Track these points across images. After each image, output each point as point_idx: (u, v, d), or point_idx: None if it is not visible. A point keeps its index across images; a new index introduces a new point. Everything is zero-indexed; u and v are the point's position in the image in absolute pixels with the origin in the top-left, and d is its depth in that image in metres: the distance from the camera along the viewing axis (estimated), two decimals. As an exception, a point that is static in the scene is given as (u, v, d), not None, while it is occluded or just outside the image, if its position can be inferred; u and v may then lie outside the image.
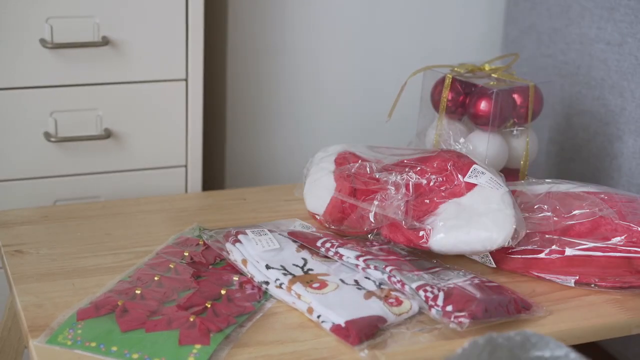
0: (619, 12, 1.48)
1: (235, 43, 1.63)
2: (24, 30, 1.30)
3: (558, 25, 1.62)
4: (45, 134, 1.35)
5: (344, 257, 1.11)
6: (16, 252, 1.14)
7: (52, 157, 1.37)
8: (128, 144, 1.41)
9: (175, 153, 1.43)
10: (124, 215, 1.28)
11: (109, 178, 1.41)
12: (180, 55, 1.39)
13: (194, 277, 1.07)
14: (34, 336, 0.95)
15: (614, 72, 1.50)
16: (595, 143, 1.56)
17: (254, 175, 1.70)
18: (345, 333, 0.97)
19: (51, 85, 1.34)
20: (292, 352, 0.96)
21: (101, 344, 0.94)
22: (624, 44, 1.47)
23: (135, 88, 1.38)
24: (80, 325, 0.96)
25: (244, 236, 1.12)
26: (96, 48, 1.34)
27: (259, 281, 1.07)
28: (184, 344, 0.94)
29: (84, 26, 1.32)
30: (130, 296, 1.02)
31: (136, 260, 1.13)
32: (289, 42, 1.66)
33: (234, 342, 0.96)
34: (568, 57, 1.60)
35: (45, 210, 1.30)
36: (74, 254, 1.15)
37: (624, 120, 1.49)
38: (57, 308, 1.01)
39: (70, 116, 1.36)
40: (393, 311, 1.02)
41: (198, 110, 1.42)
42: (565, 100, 1.61)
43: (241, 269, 1.10)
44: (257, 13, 1.62)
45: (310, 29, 1.67)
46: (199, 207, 1.36)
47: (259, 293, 1.06)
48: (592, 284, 1.13)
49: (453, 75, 1.37)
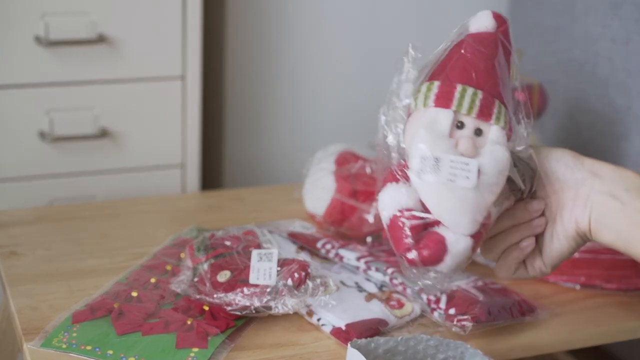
0: (624, 9, 1.47)
1: (233, 41, 1.63)
2: (19, 27, 1.30)
3: (562, 22, 1.62)
4: (41, 133, 1.35)
5: (344, 259, 1.11)
6: (11, 254, 1.14)
7: (47, 157, 1.36)
8: (125, 143, 1.40)
9: (172, 152, 1.43)
10: (121, 215, 1.28)
11: (106, 178, 1.41)
12: (177, 52, 1.39)
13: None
14: (29, 339, 0.94)
15: (619, 70, 1.49)
16: (601, 142, 1.55)
17: (253, 175, 1.70)
18: (345, 336, 0.97)
19: (46, 84, 1.33)
20: (292, 355, 0.95)
21: (97, 347, 0.93)
22: (630, 42, 1.47)
23: (132, 86, 1.38)
24: (76, 328, 0.96)
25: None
26: (92, 45, 1.33)
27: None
28: (181, 347, 0.93)
29: (80, 23, 1.32)
30: (127, 298, 1.02)
31: (133, 262, 1.12)
32: (288, 41, 1.65)
33: (233, 345, 0.95)
34: (573, 55, 1.60)
35: (40, 210, 1.30)
36: (70, 255, 1.14)
37: (629, 119, 1.48)
38: (52, 310, 1.00)
39: (66, 115, 1.35)
40: (394, 314, 1.01)
41: (196, 108, 1.42)
42: (570, 98, 1.61)
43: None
44: (256, 10, 1.62)
45: (310, 27, 1.67)
46: (197, 207, 1.35)
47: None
48: (598, 286, 1.12)
49: (455, 73, 1.36)
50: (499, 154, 0.77)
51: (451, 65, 0.80)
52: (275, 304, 0.96)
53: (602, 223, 0.79)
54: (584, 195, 0.80)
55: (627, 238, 0.79)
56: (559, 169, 0.82)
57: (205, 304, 0.98)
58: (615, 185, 0.79)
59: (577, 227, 0.81)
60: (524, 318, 1.03)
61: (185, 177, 1.45)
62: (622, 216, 0.78)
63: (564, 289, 1.12)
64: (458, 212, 0.75)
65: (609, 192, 0.79)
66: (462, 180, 0.75)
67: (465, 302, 1.01)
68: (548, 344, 1.03)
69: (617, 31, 1.49)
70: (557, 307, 1.08)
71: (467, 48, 0.80)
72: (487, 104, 0.78)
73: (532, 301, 1.07)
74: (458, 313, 0.99)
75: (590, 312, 1.08)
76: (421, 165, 0.76)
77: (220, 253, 1.03)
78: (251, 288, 0.97)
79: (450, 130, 0.78)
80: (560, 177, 0.81)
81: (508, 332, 1.01)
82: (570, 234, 0.81)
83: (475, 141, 0.78)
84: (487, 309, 1.00)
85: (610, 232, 0.79)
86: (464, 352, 0.86)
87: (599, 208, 0.79)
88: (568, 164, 0.82)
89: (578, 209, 0.80)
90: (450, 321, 0.99)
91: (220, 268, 1.01)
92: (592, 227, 0.80)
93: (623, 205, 0.79)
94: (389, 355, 0.84)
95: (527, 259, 0.84)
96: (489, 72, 0.79)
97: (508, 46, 0.82)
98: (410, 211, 0.77)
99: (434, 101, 0.79)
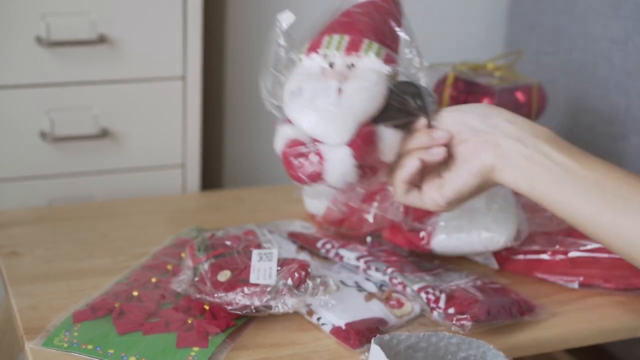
0: (624, 9, 1.47)
1: (234, 40, 1.63)
2: (20, 27, 1.30)
3: (562, 22, 1.62)
4: (41, 133, 1.35)
5: (344, 259, 1.10)
6: (11, 254, 1.14)
7: (47, 157, 1.36)
8: (125, 143, 1.40)
9: (172, 152, 1.43)
10: (121, 216, 1.28)
11: (106, 178, 1.41)
12: (178, 53, 1.38)
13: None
14: (30, 339, 0.94)
15: (619, 71, 1.49)
16: (600, 142, 1.55)
17: (253, 175, 1.70)
18: (345, 336, 0.97)
19: (47, 84, 1.33)
20: (292, 354, 0.95)
21: (98, 346, 0.93)
22: (629, 42, 1.47)
23: (133, 86, 1.38)
24: (77, 328, 0.96)
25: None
26: (93, 46, 1.33)
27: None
28: (181, 347, 0.93)
29: (81, 24, 1.32)
30: (127, 298, 1.01)
31: (133, 262, 1.12)
32: (288, 40, 1.65)
33: (233, 345, 0.95)
34: (572, 55, 1.60)
35: (40, 210, 1.30)
36: (70, 255, 1.14)
37: (629, 119, 1.48)
38: (53, 310, 1.00)
39: (66, 115, 1.35)
40: (394, 313, 1.01)
41: (196, 108, 1.42)
42: (569, 99, 1.61)
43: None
44: (256, 11, 1.62)
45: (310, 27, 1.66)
46: (197, 207, 1.35)
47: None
48: (596, 286, 1.12)
49: (455, 73, 1.37)
50: (363, 74, 0.86)
51: (323, 27, 0.93)
52: (275, 303, 0.96)
53: (505, 163, 0.83)
54: (493, 140, 0.84)
55: (527, 177, 0.83)
56: (474, 119, 0.86)
57: (206, 304, 0.98)
58: (524, 132, 0.84)
59: (482, 165, 0.84)
60: (523, 317, 1.03)
61: (185, 177, 1.45)
62: (524, 157, 0.83)
63: (563, 289, 1.12)
64: (323, 125, 0.84)
65: (517, 137, 0.84)
66: (323, 99, 0.85)
67: (465, 301, 1.01)
68: (547, 343, 1.03)
69: (617, 31, 1.49)
70: (556, 306, 1.08)
71: (339, 12, 0.93)
72: (354, 42, 0.89)
73: (531, 300, 1.07)
74: (457, 312, 0.99)
75: (589, 311, 1.08)
76: (289, 97, 0.87)
77: (220, 253, 1.03)
78: (251, 287, 0.97)
79: (323, 72, 0.88)
80: (476, 126, 0.86)
81: (507, 331, 1.01)
82: (472, 170, 0.85)
83: (346, 73, 0.87)
84: (487, 308, 1.00)
85: (513, 171, 0.83)
86: (486, 352, 0.85)
87: (505, 150, 0.83)
88: (486, 113, 0.87)
89: (485, 149, 0.84)
90: (450, 320, 0.99)
91: (220, 268, 1.01)
92: (496, 166, 0.84)
93: (526, 147, 0.83)
94: (410, 352, 0.84)
95: (425, 187, 0.88)
96: (357, 21, 0.90)
97: (387, 6, 0.92)
98: (295, 141, 0.86)
99: (305, 52, 0.90)
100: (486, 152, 0.84)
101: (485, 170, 0.84)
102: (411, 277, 1.05)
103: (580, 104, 1.59)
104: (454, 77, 1.36)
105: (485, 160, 0.84)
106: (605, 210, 0.81)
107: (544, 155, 0.83)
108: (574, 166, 0.82)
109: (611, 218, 0.80)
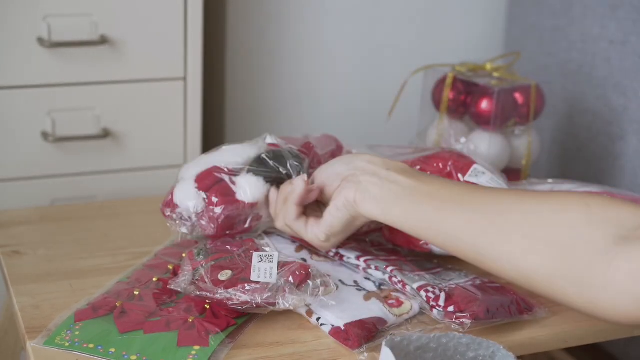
0: (622, 10, 1.47)
1: (234, 41, 1.63)
2: (21, 28, 1.30)
3: (560, 23, 1.62)
4: (43, 133, 1.35)
5: (344, 258, 1.10)
6: (13, 253, 1.14)
7: (49, 157, 1.36)
8: (126, 143, 1.40)
9: (173, 153, 1.43)
10: (122, 215, 1.28)
11: (107, 178, 1.41)
12: (179, 53, 1.39)
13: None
14: (32, 338, 0.94)
15: (616, 71, 1.49)
16: (598, 143, 1.55)
17: (253, 175, 1.69)
18: (344, 336, 0.97)
19: (49, 84, 1.34)
20: (292, 353, 0.95)
21: (99, 345, 0.93)
22: (627, 43, 1.47)
23: (134, 87, 1.38)
24: (78, 327, 0.96)
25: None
26: (94, 47, 1.33)
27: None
28: (182, 345, 0.93)
29: (82, 25, 1.32)
30: (129, 297, 1.02)
31: (134, 262, 1.12)
32: (288, 41, 1.65)
33: (234, 344, 0.95)
34: (570, 55, 1.60)
35: (42, 210, 1.30)
36: (72, 255, 1.14)
37: (626, 119, 1.48)
38: (55, 309, 1.00)
39: (68, 115, 1.36)
40: (393, 312, 1.01)
41: (197, 109, 1.42)
42: (568, 99, 1.61)
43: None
44: (257, 10, 1.62)
45: (310, 27, 1.67)
46: (198, 207, 1.35)
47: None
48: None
49: (454, 74, 1.37)
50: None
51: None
52: (276, 300, 0.97)
53: (365, 195, 0.97)
54: (355, 179, 0.99)
55: (379, 203, 0.96)
56: (341, 167, 1.03)
57: (207, 302, 0.99)
58: (379, 168, 0.99)
59: (345, 200, 0.99)
60: (522, 316, 1.03)
61: (186, 178, 1.44)
62: (378, 187, 0.97)
63: (562, 288, 1.12)
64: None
65: (373, 172, 0.99)
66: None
67: (464, 300, 1.00)
68: (545, 342, 1.03)
69: (615, 32, 1.49)
70: (555, 305, 1.07)
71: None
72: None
73: (530, 299, 1.07)
74: (457, 311, 0.99)
75: (588, 310, 1.08)
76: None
77: (221, 257, 1.04)
78: (252, 284, 0.98)
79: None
80: (342, 172, 1.02)
81: (506, 330, 1.01)
82: (338, 205, 1.00)
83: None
84: (486, 306, 1.00)
85: (371, 201, 0.97)
86: (496, 352, 0.85)
87: (363, 184, 0.98)
88: (350, 160, 1.03)
89: (348, 188, 0.99)
90: (449, 319, 0.99)
91: (221, 268, 1.01)
92: (357, 199, 0.98)
93: (380, 179, 0.97)
94: (420, 352, 0.84)
95: (309, 224, 1.03)
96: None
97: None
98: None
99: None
100: (349, 189, 0.99)
101: (348, 203, 0.99)
102: (411, 275, 1.05)
103: (579, 104, 1.59)
104: (453, 78, 1.36)
105: (348, 195, 0.99)
106: (439, 214, 0.93)
107: (394, 182, 0.96)
108: (416, 184, 0.96)
109: (443, 219, 0.93)
